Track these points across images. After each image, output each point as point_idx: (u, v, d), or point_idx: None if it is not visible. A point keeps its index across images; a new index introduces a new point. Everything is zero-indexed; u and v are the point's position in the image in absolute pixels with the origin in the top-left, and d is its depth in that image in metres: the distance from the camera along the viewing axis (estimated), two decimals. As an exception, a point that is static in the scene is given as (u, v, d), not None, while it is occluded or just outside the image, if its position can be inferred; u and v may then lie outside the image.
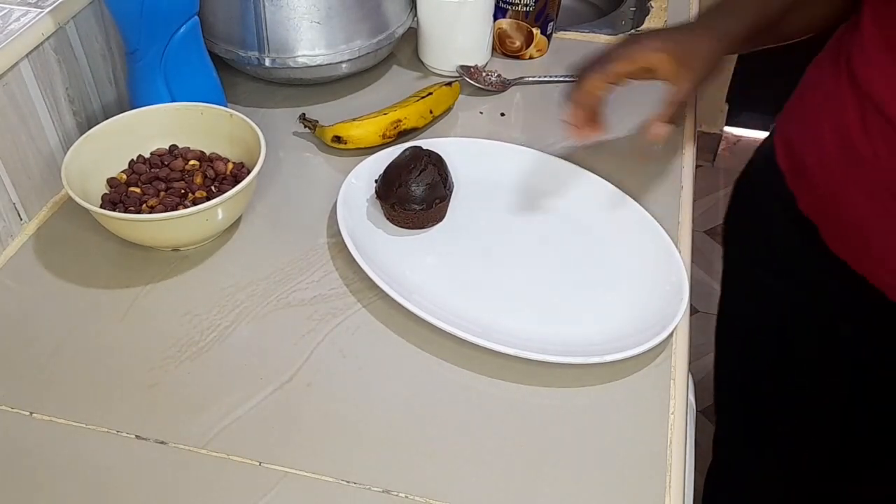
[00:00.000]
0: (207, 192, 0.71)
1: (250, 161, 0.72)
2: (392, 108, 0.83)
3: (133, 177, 0.73)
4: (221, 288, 0.68)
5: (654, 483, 0.54)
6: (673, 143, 0.84)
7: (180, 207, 0.68)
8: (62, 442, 0.57)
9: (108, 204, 0.70)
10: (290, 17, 0.83)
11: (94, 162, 0.72)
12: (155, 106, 0.75)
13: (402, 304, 0.63)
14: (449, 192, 0.72)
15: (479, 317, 0.64)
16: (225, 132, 0.75)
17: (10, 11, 0.71)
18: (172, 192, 0.71)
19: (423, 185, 0.70)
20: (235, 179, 0.72)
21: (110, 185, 0.73)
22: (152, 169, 0.74)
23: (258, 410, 0.59)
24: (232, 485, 0.54)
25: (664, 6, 1.09)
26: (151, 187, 0.71)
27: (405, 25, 0.92)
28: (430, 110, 0.84)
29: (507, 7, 0.95)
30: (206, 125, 0.75)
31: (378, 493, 0.54)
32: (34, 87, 0.71)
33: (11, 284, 0.69)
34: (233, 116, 0.74)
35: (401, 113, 0.82)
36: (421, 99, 0.84)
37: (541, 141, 0.84)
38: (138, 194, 0.71)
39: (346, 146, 0.80)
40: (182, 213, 0.65)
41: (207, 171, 0.73)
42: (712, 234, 2.12)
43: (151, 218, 0.65)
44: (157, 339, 0.64)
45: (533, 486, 0.54)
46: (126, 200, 0.70)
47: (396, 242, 0.72)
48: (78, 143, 0.70)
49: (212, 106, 0.75)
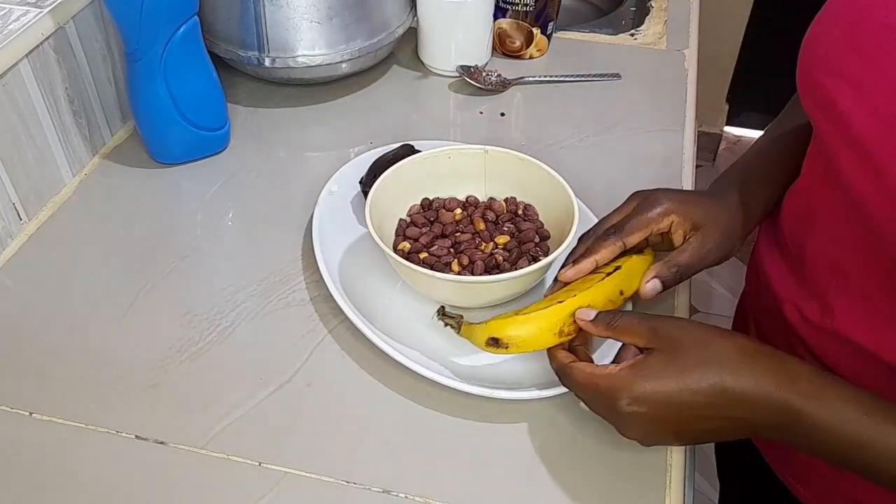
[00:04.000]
0: (510, 234, 0.67)
1: (521, 194, 0.69)
2: (567, 292, 0.59)
3: (415, 244, 0.67)
4: (221, 288, 0.68)
5: (654, 483, 0.54)
6: (673, 143, 0.84)
7: (497, 257, 0.64)
8: (62, 442, 0.57)
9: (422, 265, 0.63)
10: (290, 17, 0.83)
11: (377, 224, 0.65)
12: (405, 162, 0.69)
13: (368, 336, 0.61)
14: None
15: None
16: (480, 171, 0.70)
17: (9, 11, 0.71)
18: (467, 247, 0.65)
19: None
20: (518, 215, 0.68)
21: (397, 251, 0.66)
22: (423, 230, 0.68)
23: (258, 410, 0.59)
24: (232, 485, 0.54)
25: (664, 6, 1.09)
26: (440, 248, 0.66)
27: (405, 25, 0.92)
28: (619, 291, 0.60)
29: (507, 7, 0.95)
30: (455, 168, 0.70)
31: (378, 493, 0.54)
32: (34, 87, 0.71)
33: (11, 284, 0.68)
34: (488, 152, 0.69)
35: (582, 299, 0.57)
36: (608, 276, 0.59)
37: (541, 141, 0.84)
38: (433, 259, 0.65)
39: (507, 350, 0.57)
40: (529, 269, 0.59)
41: (486, 213, 0.68)
42: (712, 234, 2.11)
43: (505, 277, 0.60)
44: (157, 339, 0.64)
45: (533, 486, 0.54)
46: (433, 268, 0.63)
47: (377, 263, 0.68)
48: (370, 205, 0.64)
49: (460, 147, 0.70)
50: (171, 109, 0.76)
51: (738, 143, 2.34)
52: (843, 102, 0.50)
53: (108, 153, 0.82)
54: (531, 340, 0.57)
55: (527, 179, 0.69)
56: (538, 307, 0.58)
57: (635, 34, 1.04)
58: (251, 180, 0.80)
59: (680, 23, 1.05)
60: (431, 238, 0.67)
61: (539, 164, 0.67)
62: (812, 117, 0.54)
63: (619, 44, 1.02)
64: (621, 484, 0.54)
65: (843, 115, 0.50)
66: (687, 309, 0.67)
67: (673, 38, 1.02)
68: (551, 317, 0.57)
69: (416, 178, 0.70)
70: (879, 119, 0.47)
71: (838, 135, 0.51)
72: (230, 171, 0.81)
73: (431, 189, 0.71)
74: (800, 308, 0.60)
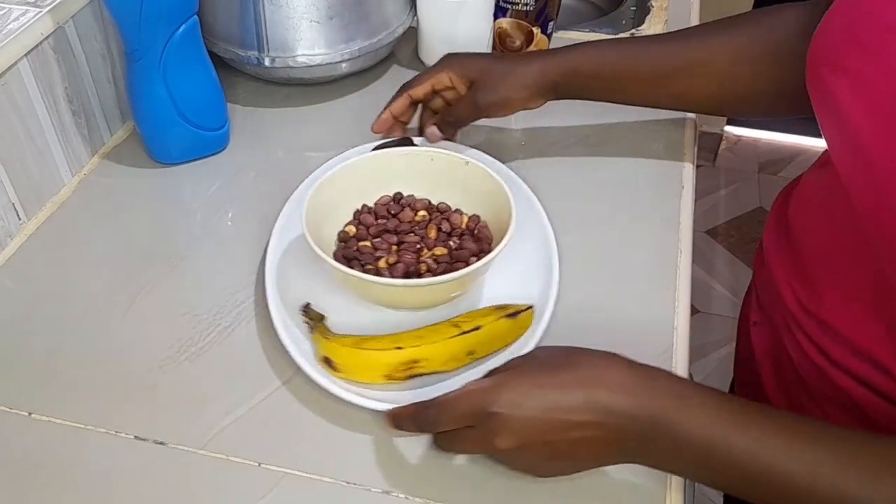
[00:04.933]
0: (448, 249, 0.65)
1: (488, 213, 0.67)
2: (415, 338, 0.58)
3: (361, 229, 0.68)
4: (221, 288, 0.68)
5: (654, 483, 0.54)
6: (673, 142, 0.84)
7: (422, 266, 0.63)
8: (61, 442, 0.57)
9: (343, 260, 0.63)
10: (290, 17, 0.83)
11: (322, 215, 0.65)
12: (384, 151, 0.70)
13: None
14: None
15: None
16: (457, 179, 0.69)
17: (9, 11, 0.70)
18: (406, 248, 0.65)
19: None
20: (473, 234, 0.67)
21: (340, 239, 0.68)
22: (379, 220, 0.68)
23: (258, 410, 0.59)
24: (232, 485, 0.54)
25: (664, 6, 1.09)
26: (383, 241, 0.66)
27: (405, 25, 0.92)
28: (469, 352, 0.58)
29: (507, 7, 0.95)
30: (434, 171, 0.70)
31: (378, 493, 0.54)
32: (33, 87, 0.71)
33: (10, 284, 0.68)
34: (468, 164, 0.68)
35: (422, 351, 0.56)
36: (462, 333, 0.57)
37: (541, 141, 0.84)
38: (370, 249, 0.65)
39: (339, 375, 0.58)
40: (453, 276, 0.58)
41: (442, 223, 0.67)
42: (712, 234, 2.12)
43: (413, 283, 0.59)
44: (157, 339, 0.64)
45: (533, 486, 0.54)
46: (361, 257, 0.64)
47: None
48: (313, 192, 0.64)
49: (443, 152, 0.69)
50: (170, 109, 0.76)
51: (738, 143, 2.34)
52: (842, 96, 0.50)
53: (108, 153, 0.82)
54: (359, 374, 0.57)
55: (492, 200, 0.66)
56: (380, 341, 0.57)
57: (636, 34, 1.03)
58: (251, 180, 0.80)
59: (680, 22, 1.05)
60: (381, 230, 0.67)
61: (502, 187, 0.65)
62: (816, 112, 0.54)
63: (620, 43, 1.02)
64: (622, 484, 0.54)
65: (841, 110, 0.50)
66: (687, 309, 0.67)
67: (673, 38, 1.02)
68: (381, 359, 0.57)
69: (396, 170, 0.70)
70: (875, 116, 0.47)
71: (836, 128, 0.51)
72: (230, 170, 0.81)
73: (409, 185, 0.71)
74: (797, 295, 0.61)
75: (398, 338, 0.58)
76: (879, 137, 0.47)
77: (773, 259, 0.65)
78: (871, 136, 0.47)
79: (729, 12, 0.73)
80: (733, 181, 2.29)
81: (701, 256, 2.02)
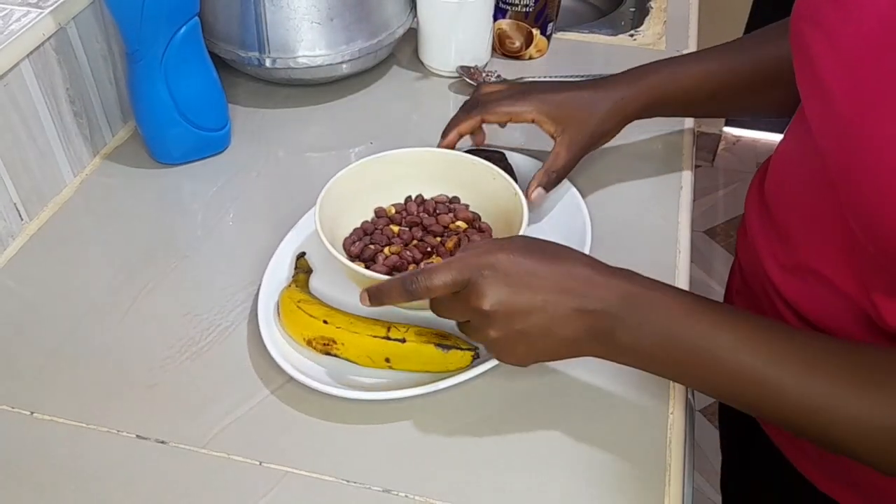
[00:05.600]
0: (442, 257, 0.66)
1: (490, 217, 0.69)
2: (348, 319, 0.61)
3: (400, 213, 0.71)
4: (221, 288, 0.68)
5: (653, 483, 0.54)
6: (673, 143, 0.85)
7: (412, 267, 0.65)
8: (62, 441, 0.57)
9: (361, 232, 0.68)
10: (291, 18, 0.83)
11: (353, 192, 0.69)
12: (429, 149, 0.72)
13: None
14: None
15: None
16: (488, 192, 0.69)
17: (10, 12, 0.71)
18: (420, 247, 0.67)
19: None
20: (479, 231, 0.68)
21: (376, 214, 0.71)
22: (421, 214, 0.70)
23: (258, 410, 0.59)
24: (232, 484, 0.54)
25: (664, 6, 1.09)
26: (408, 232, 0.68)
27: (405, 26, 0.92)
28: (385, 358, 0.60)
29: (507, 7, 0.95)
30: (472, 179, 0.70)
31: (378, 492, 0.54)
32: (35, 88, 0.71)
33: (12, 284, 0.69)
34: (496, 179, 0.68)
35: (341, 335, 0.60)
36: (385, 339, 0.59)
37: (541, 141, 0.84)
38: (392, 234, 0.68)
39: (280, 320, 0.63)
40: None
41: (472, 237, 0.68)
42: (712, 234, 2.12)
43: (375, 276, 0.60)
44: (157, 339, 0.64)
45: (533, 486, 0.54)
46: (377, 237, 0.67)
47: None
48: (346, 171, 0.68)
49: (479, 161, 0.70)
50: (171, 110, 0.77)
51: (737, 144, 2.34)
52: (815, 46, 0.51)
53: (109, 153, 0.83)
54: (289, 328, 0.62)
55: (506, 215, 0.68)
56: (315, 312, 0.61)
57: (635, 35, 1.04)
58: (251, 180, 0.80)
59: (679, 23, 1.05)
60: (413, 221, 0.69)
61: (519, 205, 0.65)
62: (795, 66, 0.55)
63: (619, 44, 1.02)
64: (620, 483, 0.54)
65: (813, 60, 0.51)
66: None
67: (672, 39, 1.03)
68: (307, 323, 0.61)
69: (436, 170, 0.72)
70: (845, 66, 0.48)
71: (807, 80, 0.52)
72: (231, 171, 0.81)
73: (455, 189, 0.72)
74: (777, 259, 0.62)
75: (334, 315, 0.61)
76: (843, 78, 0.48)
77: (754, 229, 0.66)
78: (835, 78, 0.48)
79: (726, 13, 0.73)
80: (732, 181, 2.29)
81: (700, 256, 2.03)
